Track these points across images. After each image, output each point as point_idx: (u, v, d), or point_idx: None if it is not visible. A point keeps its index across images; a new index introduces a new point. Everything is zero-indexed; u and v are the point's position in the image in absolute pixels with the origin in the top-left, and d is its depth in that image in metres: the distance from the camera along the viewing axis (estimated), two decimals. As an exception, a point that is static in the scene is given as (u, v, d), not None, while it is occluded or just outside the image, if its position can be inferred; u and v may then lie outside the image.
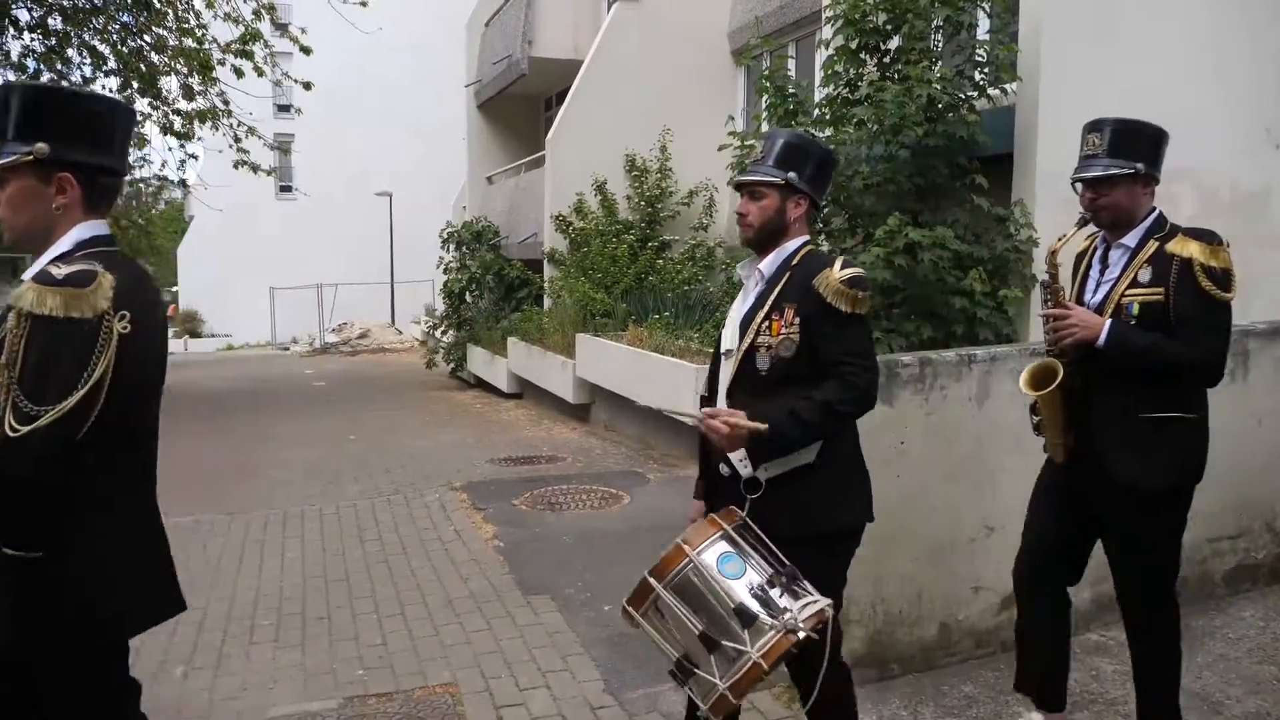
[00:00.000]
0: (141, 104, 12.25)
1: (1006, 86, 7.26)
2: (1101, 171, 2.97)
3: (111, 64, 11.84)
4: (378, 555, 5.82)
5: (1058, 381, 2.89)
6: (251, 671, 4.15)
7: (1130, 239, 2.99)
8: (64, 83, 11.93)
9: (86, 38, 11.77)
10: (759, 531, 2.53)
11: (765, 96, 8.06)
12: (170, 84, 12.39)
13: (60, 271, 1.93)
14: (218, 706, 3.83)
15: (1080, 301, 3.06)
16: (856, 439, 2.76)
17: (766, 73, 8.09)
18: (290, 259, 30.26)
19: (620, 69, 12.59)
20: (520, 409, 12.34)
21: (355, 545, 6.06)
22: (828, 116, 7.81)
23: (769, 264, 2.71)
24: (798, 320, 2.58)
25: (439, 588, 5.16)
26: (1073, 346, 2.93)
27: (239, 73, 11.84)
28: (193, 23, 12.05)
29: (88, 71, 12.03)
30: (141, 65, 11.88)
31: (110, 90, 12.13)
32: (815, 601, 2.37)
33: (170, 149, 12.86)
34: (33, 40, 11.85)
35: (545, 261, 12.98)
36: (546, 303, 12.95)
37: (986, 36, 7.62)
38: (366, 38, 14.88)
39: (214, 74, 12.01)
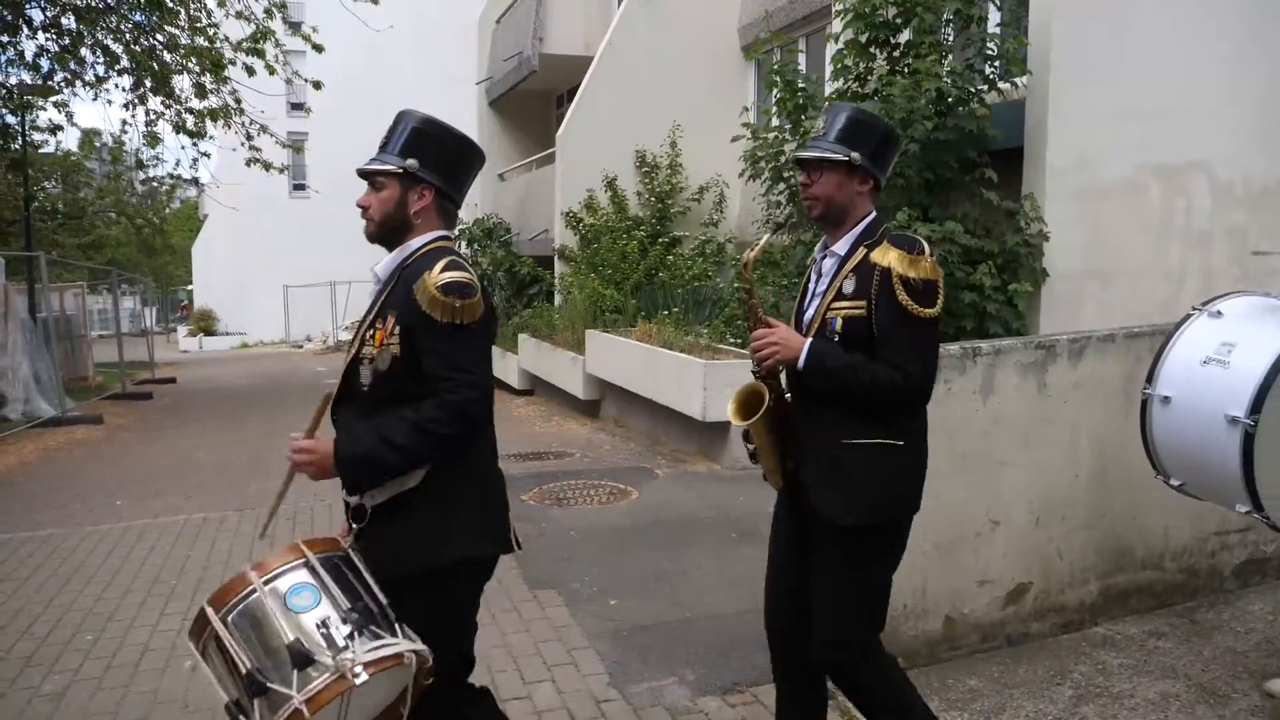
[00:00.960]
0: (154, 102, 12.34)
1: (1016, 80, 7.22)
2: (815, 153, 2.62)
3: (124, 63, 11.92)
4: (386, 550, 5.83)
5: (762, 410, 2.65)
6: (259, 664, 4.17)
7: (841, 245, 2.66)
8: (78, 81, 12.04)
9: (100, 37, 11.85)
10: (360, 564, 2.32)
11: (775, 91, 8.04)
12: (183, 82, 12.47)
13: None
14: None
15: (799, 316, 2.77)
16: (482, 461, 2.45)
17: (776, 67, 8.07)
18: (304, 257, 30.38)
19: (630, 65, 12.59)
20: (531, 405, 12.36)
21: (364, 540, 6.07)
22: (837, 111, 7.76)
23: (385, 266, 2.53)
24: (398, 330, 2.31)
25: (446, 582, 5.18)
26: (773, 368, 2.68)
27: (250, 71, 11.89)
28: (205, 21, 12.11)
29: (101, 71, 12.11)
30: (154, 64, 11.95)
31: (123, 89, 12.22)
32: (392, 644, 2.13)
33: (183, 147, 12.99)
34: (47, 40, 11.94)
35: (556, 258, 13.00)
36: (557, 299, 12.97)
37: (997, 30, 7.58)
38: (378, 35, 14.90)
39: (226, 72, 12.07)
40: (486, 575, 2.53)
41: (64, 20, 11.73)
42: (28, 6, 11.82)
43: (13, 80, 13.00)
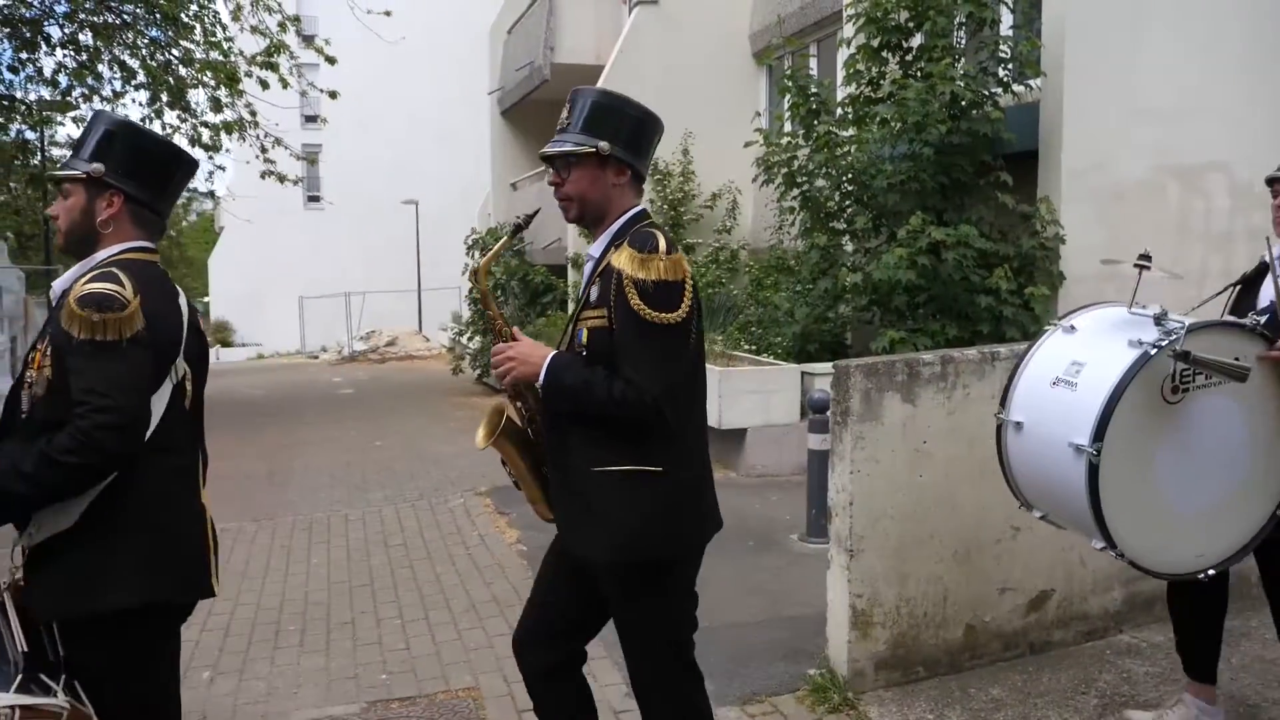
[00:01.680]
0: (170, 116, 12.43)
1: (1031, 82, 7.19)
2: (559, 148, 2.36)
3: (141, 78, 12.01)
4: (402, 560, 5.83)
5: (499, 430, 2.45)
6: (276, 676, 4.17)
7: (596, 247, 2.40)
8: (95, 96, 12.14)
9: (116, 53, 11.95)
10: (8, 607, 2.11)
11: (787, 97, 8.03)
12: (198, 96, 12.56)
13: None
14: (242, 710, 3.84)
15: None
16: (156, 497, 2.18)
17: (789, 73, 8.06)
18: (318, 268, 30.56)
19: (641, 73, 12.59)
20: (546, 414, 12.33)
21: (380, 550, 6.07)
22: (850, 115, 7.77)
23: (60, 283, 2.23)
24: (50, 350, 2.08)
25: (462, 592, 5.16)
26: (513, 385, 2.45)
27: (265, 85, 11.96)
28: (219, 36, 12.19)
29: (118, 86, 12.21)
30: (170, 79, 12.04)
31: (139, 103, 12.32)
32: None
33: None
34: (65, 56, 12.06)
35: (569, 266, 13.00)
36: (570, 307, 12.97)
37: (1010, 32, 7.55)
38: (391, 48, 14.99)
39: (240, 86, 12.15)
40: (177, 620, 2.32)
41: (81, 37, 11.84)
42: (46, 24, 11.94)
43: (32, 96, 13.13)
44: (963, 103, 6.93)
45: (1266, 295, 2.90)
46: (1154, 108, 6.92)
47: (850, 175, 7.64)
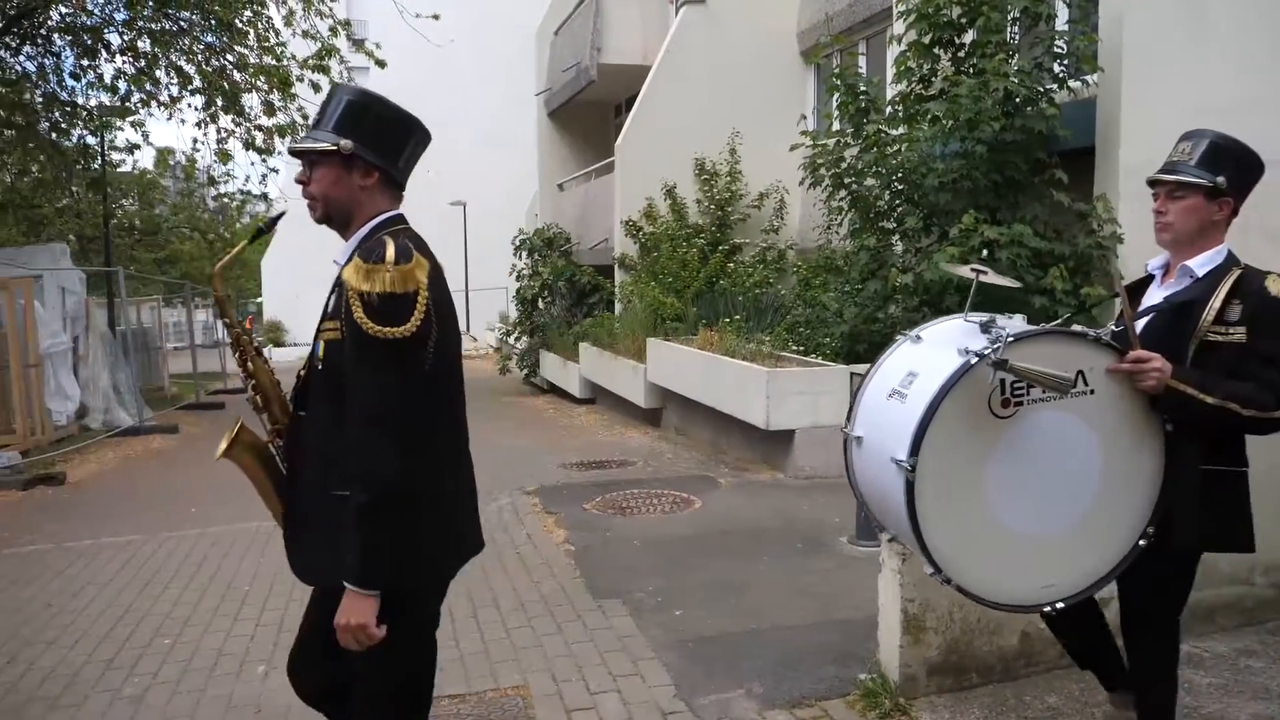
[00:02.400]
0: (225, 120, 12.68)
1: (1087, 78, 7.05)
2: (303, 144, 2.28)
3: (197, 83, 12.27)
4: (452, 558, 5.87)
5: (230, 442, 2.33)
6: (329, 672, 4.22)
7: (343, 254, 2.29)
8: (153, 102, 12.42)
9: (173, 59, 12.21)
10: None
11: (836, 95, 7.96)
12: (252, 101, 12.78)
13: None
14: (296, 704, 3.89)
15: None
16: None
17: (837, 71, 7.99)
18: (368, 268, 30.90)
19: (688, 72, 12.58)
20: (592, 414, 12.38)
21: (430, 548, 6.12)
22: (900, 114, 7.68)
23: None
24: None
25: (511, 590, 5.19)
26: (256, 397, 2.37)
27: (316, 88, 12.14)
28: (273, 41, 12.40)
29: (174, 91, 12.48)
30: (224, 83, 12.28)
31: (195, 108, 12.58)
32: None
33: (253, 163, 13.23)
34: (124, 63, 12.34)
35: (616, 267, 13.02)
36: (617, 308, 12.99)
37: (1066, 27, 7.41)
38: (439, 50, 15.11)
39: (293, 90, 12.35)
40: None
41: (140, 43, 12.11)
42: (106, 31, 12.24)
43: (93, 102, 13.46)
44: (1017, 99, 6.81)
45: (1149, 303, 2.74)
46: (1215, 103, 6.73)
47: (900, 174, 7.55)
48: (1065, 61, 7.05)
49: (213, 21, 11.83)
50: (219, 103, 12.36)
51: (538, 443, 10.24)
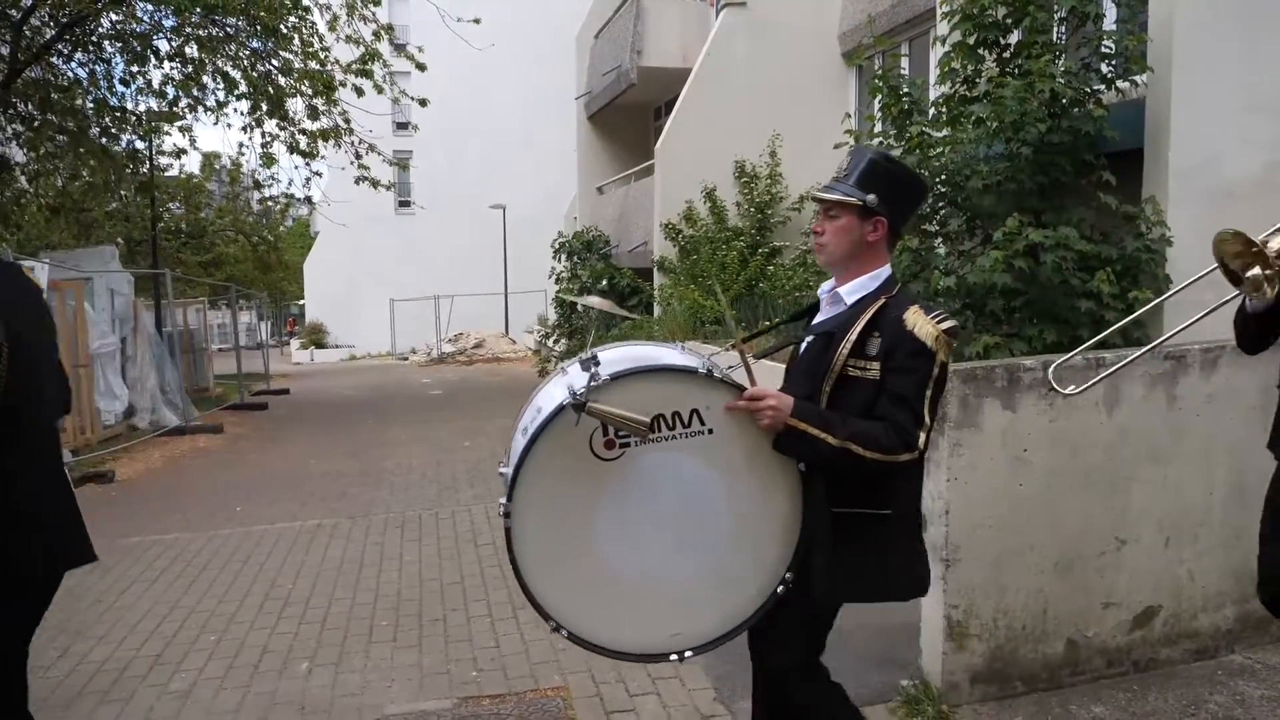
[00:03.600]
0: (270, 125, 12.86)
1: (1136, 78, 6.93)
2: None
3: (242, 88, 12.46)
4: (491, 559, 5.91)
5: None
6: (371, 669, 4.27)
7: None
8: (200, 107, 12.63)
9: (220, 64, 12.42)
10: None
11: (879, 97, 7.89)
12: (296, 105, 12.97)
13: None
14: (338, 702, 3.94)
15: None
16: None
17: (880, 72, 7.93)
18: (408, 272, 31.24)
19: (729, 75, 12.56)
20: (630, 417, 12.37)
21: (470, 549, 6.17)
22: (944, 115, 7.60)
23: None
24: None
25: (551, 592, 5.20)
26: None
27: (360, 92, 12.29)
28: (317, 46, 12.57)
29: (221, 96, 12.69)
30: (270, 88, 12.46)
31: (241, 113, 12.79)
32: None
33: (296, 167, 13.41)
34: (172, 69, 12.58)
35: (655, 269, 13.02)
36: (656, 310, 12.98)
37: (1114, 26, 7.29)
38: (480, 55, 15.23)
39: (336, 94, 12.51)
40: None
41: (188, 49, 12.33)
42: (155, 38, 12.48)
43: (141, 108, 13.73)
44: (1063, 100, 6.71)
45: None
46: (1269, 101, 6.60)
47: (944, 176, 7.47)
48: (1113, 62, 6.92)
49: (258, 27, 12.02)
50: (264, 107, 12.55)
51: (576, 445, 10.25)
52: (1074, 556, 3.60)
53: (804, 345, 2.62)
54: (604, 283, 14.82)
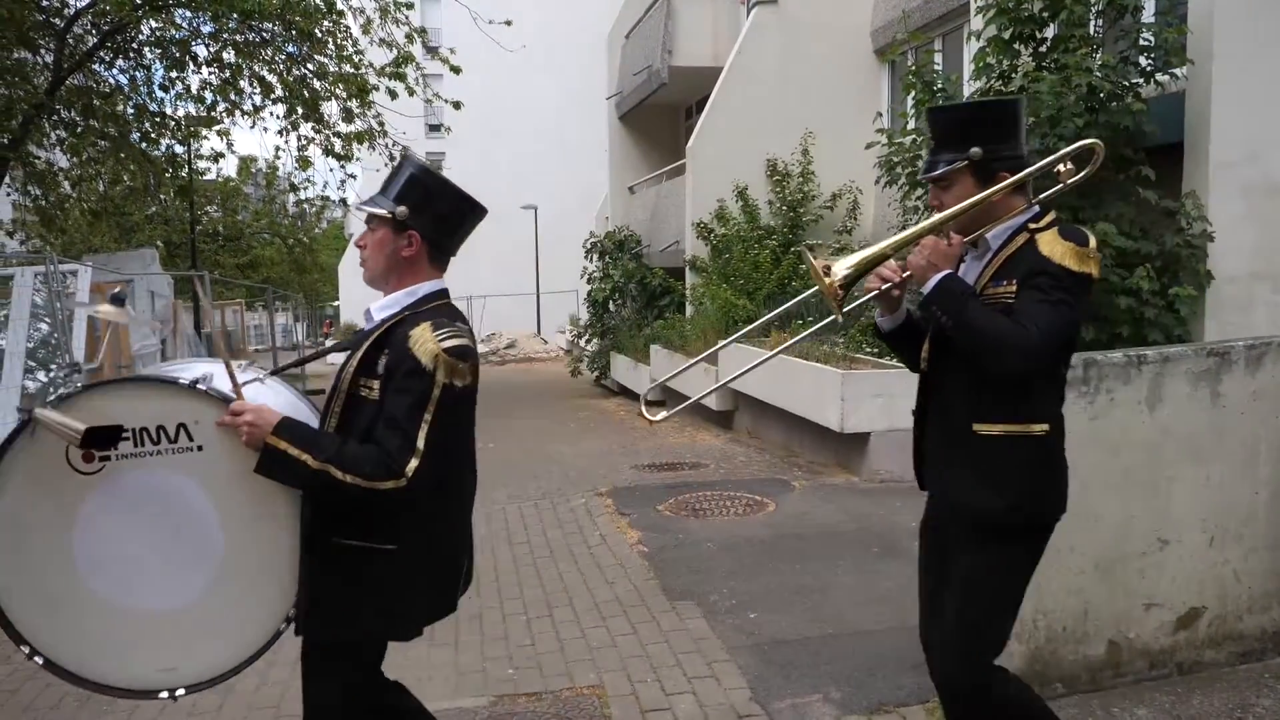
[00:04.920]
0: (305, 128, 12.99)
1: (1176, 71, 6.82)
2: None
3: (279, 92, 12.59)
4: (526, 558, 5.94)
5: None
6: (407, 666, 4.29)
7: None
8: (237, 111, 12.80)
9: (256, 69, 12.57)
10: None
11: (912, 93, 7.85)
12: (331, 108, 13.08)
13: None
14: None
15: None
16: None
17: (914, 68, 7.88)
18: (443, 271, 31.43)
19: (760, 73, 12.51)
20: (663, 416, 12.37)
21: (505, 548, 6.20)
22: (979, 111, 7.52)
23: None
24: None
25: (585, 591, 5.22)
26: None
27: (393, 95, 12.38)
28: (351, 49, 12.68)
29: (257, 100, 12.83)
30: (305, 92, 12.59)
31: (277, 117, 12.94)
32: None
33: (331, 169, 13.52)
34: (209, 74, 12.75)
35: (687, 269, 13.00)
36: (688, 310, 12.97)
37: (1153, 19, 7.19)
38: (511, 56, 15.28)
39: (370, 97, 12.61)
40: None
41: (225, 55, 12.49)
42: (194, 44, 12.65)
43: (180, 113, 13.93)
44: (1101, 95, 6.62)
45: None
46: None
47: (979, 172, 7.40)
48: (1152, 55, 6.83)
49: (294, 32, 12.13)
50: (299, 111, 12.67)
51: (609, 444, 10.28)
52: (1115, 557, 3.55)
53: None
54: (635, 282, 14.82)
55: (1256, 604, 3.76)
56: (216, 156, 14.85)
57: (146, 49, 12.83)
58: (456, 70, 12.20)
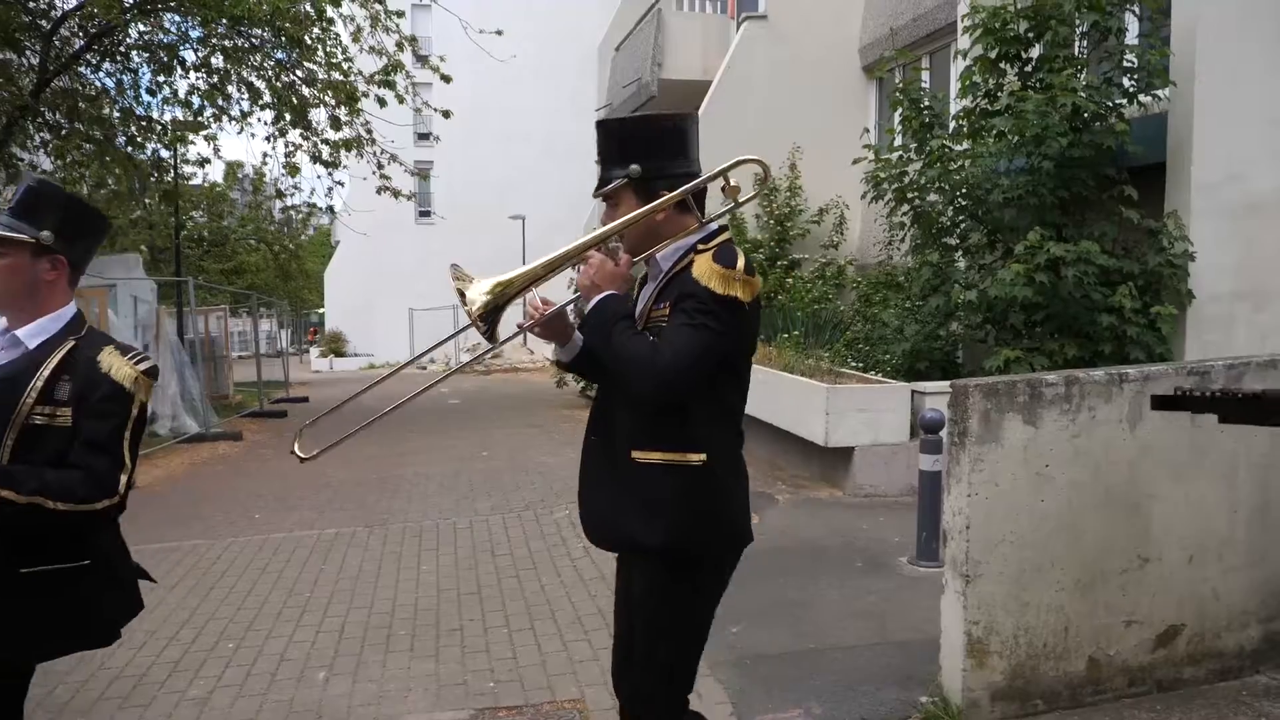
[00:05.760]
0: (293, 135, 12.98)
1: (1159, 92, 6.90)
2: None
3: (267, 98, 12.58)
4: (509, 570, 5.91)
5: None
6: (388, 679, 4.27)
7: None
8: (224, 116, 12.76)
9: (245, 74, 12.55)
10: None
11: (899, 110, 7.90)
12: (319, 115, 13.07)
13: None
14: (356, 711, 3.95)
15: None
16: None
17: (901, 85, 7.93)
18: (428, 281, 31.29)
19: (749, 87, 12.58)
20: (648, 428, 12.37)
21: (487, 559, 6.17)
22: (965, 129, 7.60)
23: None
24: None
25: (567, 603, 5.20)
26: None
27: (382, 102, 12.38)
28: (340, 57, 12.68)
29: (245, 106, 12.81)
30: (293, 98, 12.57)
31: (265, 122, 12.91)
32: None
33: (319, 177, 13.56)
34: (197, 79, 12.72)
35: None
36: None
37: (1136, 41, 7.27)
38: (501, 65, 15.31)
39: (359, 105, 12.60)
40: None
41: (213, 60, 12.47)
42: (182, 49, 12.63)
43: (167, 117, 13.89)
44: (1085, 115, 6.69)
45: None
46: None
47: (964, 190, 7.46)
48: (1136, 76, 6.91)
49: (283, 38, 12.13)
50: (288, 117, 12.66)
51: (593, 456, 10.25)
52: (1096, 573, 3.56)
53: None
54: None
55: (1235, 621, 3.78)
56: (203, 162, 14.83)
57: (134, 52, 12.81)
58: (446, 79, 12.21)
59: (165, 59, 12.50)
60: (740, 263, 2.29)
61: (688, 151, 2.47)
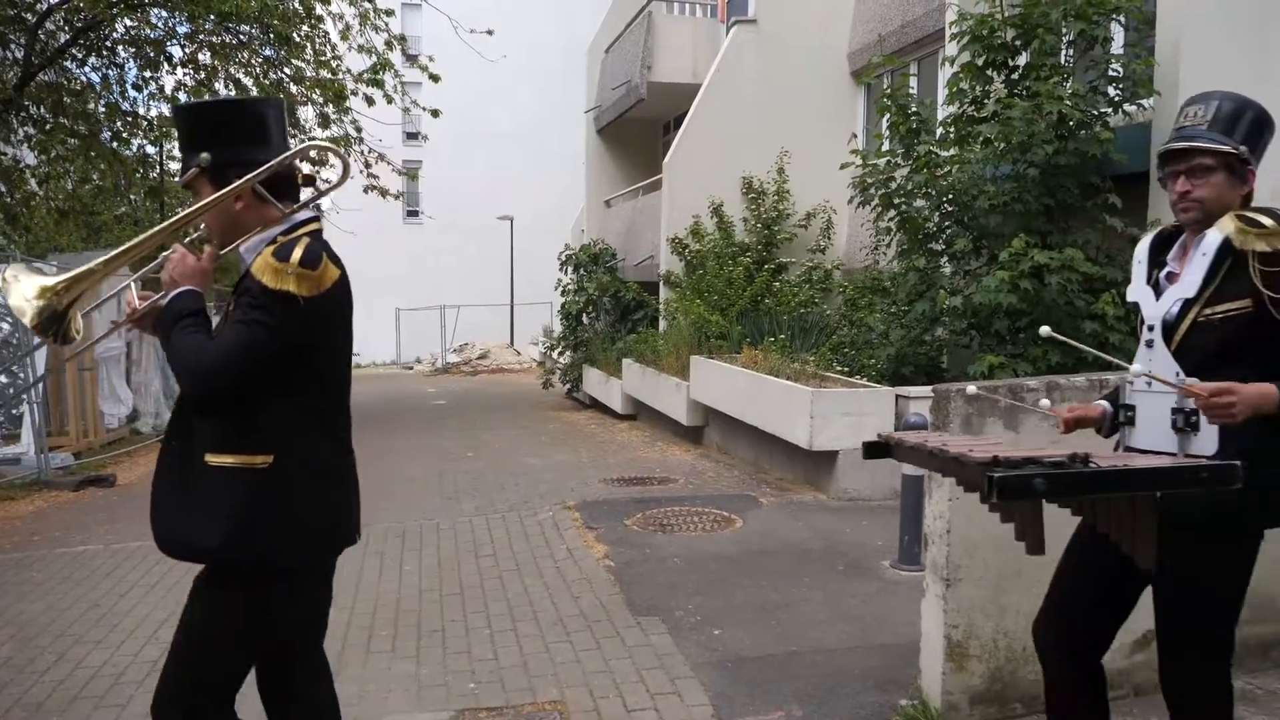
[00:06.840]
0: (281, 132, 12.91)
1: (1143, 102, 6.95)
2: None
3: (254, 95, 12.51)
4: (491, 571, 5.90)
5: None
6: (368, 679, 4.25)
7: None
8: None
9: (232, 71, 12.49)
10: None
11: (887, 115, 7.93)
12: (307, 113, 13.02)
13: None
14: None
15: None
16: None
17: (889, 91, 7.97)
18: (415, 281, 31.27)
19: (738, 91, 12.60)
20: (634, 430, 12.38)
21: (470, 560, 6.16)
22: (951, 135, 7.64)
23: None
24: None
25: (550, 605, 5.20)
26: None
27: (370, 101, 12.35)
28: (329, 54, 12.64)
29: (233, 103, 12.74)
30: (281, 95, 12.52)
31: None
32: None
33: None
34: (184, 75, 12.64)
35: (661, 283, 13.04)
36: (662, 324, 13.00)
37: (1122, 50, 7.32)
38: (491, 66, 15.29)
39: (347, 103, 12.56)
40: None
41: (201, 56, 12.40)
42: (169, 44, 12.56)
43: (153, 113, 13.79)
44: (1070, 123, 6.74)
45: None
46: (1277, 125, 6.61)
47: (950, 196, 7.50)
48: (1121, 85, 6.96)
49: (271, 35, 12.09)
50: (275, 115, 12.60)
51: (579, 458, 10.25)
52: (1075, 579, 3.57)
53: None
54: (609, 296, 14.84)
55: (1213, 628, 3.80)
56: (189, 158, 14.71)
57: (120, 47, 12.72)
58: (436, 78, 12.19)
59: (152, 54, 12.43)
60: (297, 255, 2.21)
61: (267, 138, 2.34)
